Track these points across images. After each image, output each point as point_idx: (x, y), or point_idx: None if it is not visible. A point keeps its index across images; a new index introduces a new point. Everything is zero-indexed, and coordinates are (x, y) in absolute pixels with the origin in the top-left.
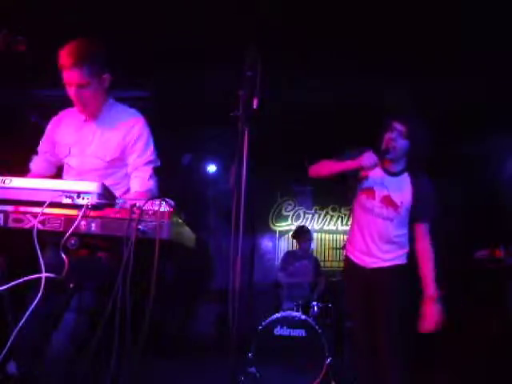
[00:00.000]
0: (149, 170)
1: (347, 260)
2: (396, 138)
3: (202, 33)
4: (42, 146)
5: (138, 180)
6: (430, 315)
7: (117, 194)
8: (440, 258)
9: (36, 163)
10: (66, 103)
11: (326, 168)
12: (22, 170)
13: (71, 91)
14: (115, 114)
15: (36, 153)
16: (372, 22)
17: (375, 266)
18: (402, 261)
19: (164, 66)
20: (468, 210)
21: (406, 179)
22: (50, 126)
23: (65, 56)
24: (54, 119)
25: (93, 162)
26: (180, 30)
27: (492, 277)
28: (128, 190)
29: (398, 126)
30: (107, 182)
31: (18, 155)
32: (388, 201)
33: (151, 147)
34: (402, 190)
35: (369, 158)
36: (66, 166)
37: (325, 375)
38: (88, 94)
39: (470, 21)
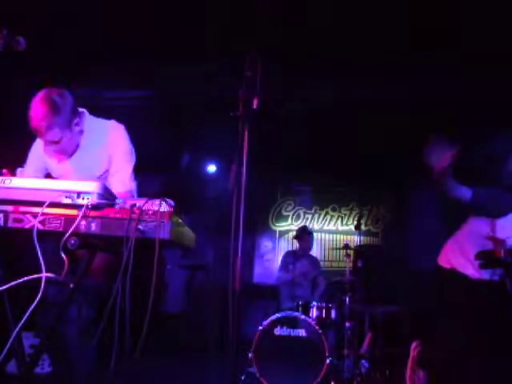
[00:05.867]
0: (129, 169)
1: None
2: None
3: (202, 33)
4: (32, 160)
5: (119, 181)
6: None
7: None
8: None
9: (25, 174)
10: None
11: None
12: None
13: (45, 145)
14: (94, 135)
15: (21, 166)
16: (371, 21)
17: None
18: None
19: (164, 65)
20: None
21: None
22: (37, 146)
23: (35, 121)
24: (39, 141)
25: (85, 176)
26: (180, 30)
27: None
28: None
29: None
30: None
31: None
32: None
33: (130, 151)
34: None
35: None
36: None
37: (325, 375)
38: (63, 145)
39: (470, 20)
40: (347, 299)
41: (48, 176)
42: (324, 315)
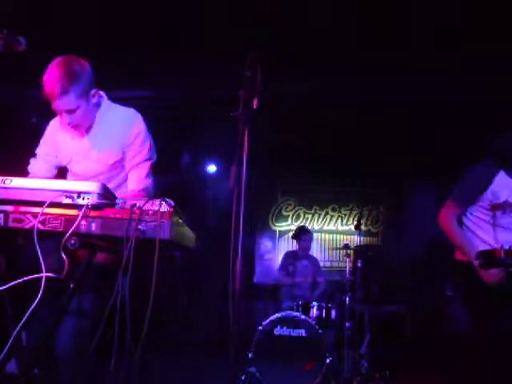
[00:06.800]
0: (146, 166)
1: None
2: None
3: (202, 32)
4: (42, 149)
5: (135, 178)
6: None
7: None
8: (439, 257)
9: (35, 166)
10: None
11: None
12: (21, 172)
13: (60, 116)
14: (111, 117)
15: (34, 155)
16: (371, 21)
17: None
18: None
19: (164, 65)
20: None
21: None
22: (50, 128)
23: (49, 85)
24: (54, 121)
25: (96, 167)
26: (180, 30)
27: None
28: None
29: None
30: (111, 185)
31: (17, 157)
32: None
33: (148, 144)
34: None
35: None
36: (69, 173)
37: (325, 375)
38: (78, 116)
39: (471, 20)
40: (347, 299)
41: (60, 170)
42: (324, 315)
